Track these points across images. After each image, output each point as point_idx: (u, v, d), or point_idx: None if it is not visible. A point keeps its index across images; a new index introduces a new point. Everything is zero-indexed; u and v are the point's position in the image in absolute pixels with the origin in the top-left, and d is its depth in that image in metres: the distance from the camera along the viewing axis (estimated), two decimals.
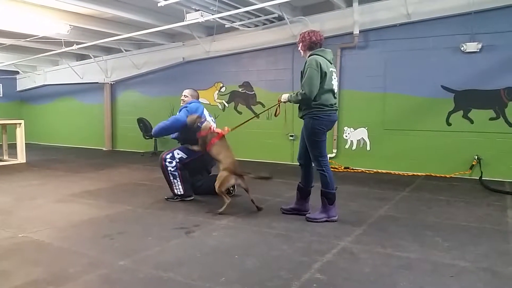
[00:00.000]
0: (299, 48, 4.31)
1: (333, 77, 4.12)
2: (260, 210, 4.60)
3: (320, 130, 4.09)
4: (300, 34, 4.28)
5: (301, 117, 4.24)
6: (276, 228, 3.97)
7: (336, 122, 7.60)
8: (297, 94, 4.08)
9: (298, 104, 4.23)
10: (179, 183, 5.09)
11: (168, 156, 5.09)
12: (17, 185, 6.31)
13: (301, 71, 4.11)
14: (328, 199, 4.19)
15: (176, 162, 5.05)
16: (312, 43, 4.17)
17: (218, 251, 3.35)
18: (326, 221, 4.14)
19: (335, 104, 4.17)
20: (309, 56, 4.13)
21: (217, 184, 4.49)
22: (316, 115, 4.07)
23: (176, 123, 5.03)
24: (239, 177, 4.55)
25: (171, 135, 5.27)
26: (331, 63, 4.16)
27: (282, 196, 5.40)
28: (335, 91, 4.17)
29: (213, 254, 3.28)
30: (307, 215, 4.30)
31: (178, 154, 5.07)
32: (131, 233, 3.84)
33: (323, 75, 4.00)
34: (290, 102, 4.28)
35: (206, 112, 5.30)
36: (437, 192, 5.66)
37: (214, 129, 4.84)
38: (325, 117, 4.08)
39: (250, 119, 5.00)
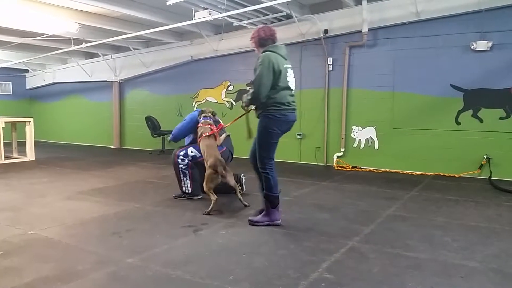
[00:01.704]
0: (252, 47, 4.13)
1: (288, 73, 3.90)
2: (247, 207, 4.62)
3: (274, 131, 3.87)
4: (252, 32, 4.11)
5: (257, 117, 4.00)
6: (283, 227, 3.96)
7: (344, 122, 7.75)
8: (248, 94, 3.91)
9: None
10: (188, 181, 5.11)
11: (182, 154, 5.10)
12: (27, 182, 6.36)
13: (254, 69, 3.89)
14: (270, 202, 3.97)
15: (188, 160, 5.06)
16: (262, 39, 3.98)
17: (226, 250, 3.35)
18: (268, 225, 3.95)
19: (293, 102, 3.94)
20: (262, 53, 3.91)
21: (204, 183, 4.49)
22: (271, 114, 3.84)
23: (190, 122, 5.15)
24: (225, 175, 4.49)
25: (186, 140, 5.34)
26: (285, 59, 3.94)
27: (290, 195, 5.39)
28: (292, 88, 3.95)
29: (221, 253, 3.28)
30: (249, 218, 4.10)
31: (192, 152, 5.07)
32: (139, 230, 3.86)
33: (277, 73, 3.79)
34: (245, 105, 4.05)
35: None
36: (446, 191, 5.62)
37: (211, 126, 4.88)
38: (281, 116, 3.85)
39: (239, 117, 4.59)
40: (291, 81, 3.93)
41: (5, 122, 8.68)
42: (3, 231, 3.81)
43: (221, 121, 5.30)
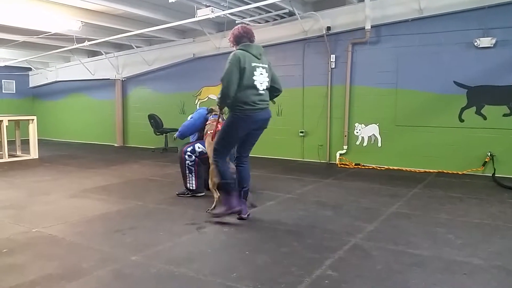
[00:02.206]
0: (230, 46, 4.14)
1: (255, 72, 3.85)
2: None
3: (235, 130, 3.91)
4: None
5: None
6: (286, 224, 3.96)
7: (347, 119, 7.74)
8: (219, 93, 3.90)
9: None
10: (193, 178, 5.12)
11: (189, 150, 5.11)
12: (30, 180, 6.38)
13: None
14: (224, 189, 4.02)
15: (195, 156, 5.06)
16: (236, 37, 4.01)
17: (229, 247, 3.36)
18: (231, 213, 3.98)
19: (260, 102, 3.89)
20: None
21: (209, 179, 4.51)
22: (235, 114, 3.86)
23: (197, 120, 5.14)
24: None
25: (191, 138, 5.35)
26: (258, 58, 3.89)
27: (293, 192, 5.39)
28: (259, 87, 3.87)
29: (224, 250, 3.29)
30: (209, 210, 4.27)
31: (199, 148, 5.07)
32: (142, 228, 3.87)
33: (242, 71, 3.76)
34: (218, 103, 4.01)
35: None
36: (449, 189, 5.61)
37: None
38: (243, 116, 3.84)
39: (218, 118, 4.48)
40: (260, 80, 3.88)
41: (8, 120, 8.71)
42: (7, 229, 3.83)
43: None
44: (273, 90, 4.12)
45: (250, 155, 4.24)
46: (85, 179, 6.42)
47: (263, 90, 3.93)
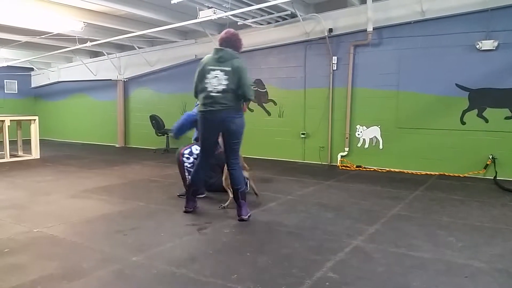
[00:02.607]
0: None
1: (209, 75, 3.99)
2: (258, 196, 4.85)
3: (201, 130, 4.22)
4: None
5: None
6: (287, 226, 3.96)
7: (348, 121, 7.74)
8: None
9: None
10: None
11: (186, 152, 5.10)
12: (31, 180, 6.39)
13: None
14: (188, 190, 4.46)
15: (193, 158, 5.05)
16: (218, 41, 4.18)
17: (230, 248, 3.36)
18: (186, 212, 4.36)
19: (211, 103, 4.00)
20: None
21: (223, 178, 4.64)
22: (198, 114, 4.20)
23: (188, 117, 5.10)
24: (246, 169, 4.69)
25: (192, 137, 5.33)
26: (219, 62, 4.00)
27: (293, 194, 5.39)
28: (210, 89, 4.00)
29: (225, 251, 3.29)
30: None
31: (197, 150, 5.06)
32: (144, 229, 3.87)
33: (200, 73, 4.07)
34: None
35: None
36: (451, 191, 5.60)
37: None
38: (201, 117, 4.13)
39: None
40: (213, 83, 4.00)
41: (10, 120, 8.74)
42: (8, 229, 3.83)
43: None
44: (241, 95, 4.08)
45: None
46: (87, 180, 6.43)
47: (217, 92, 3.99)
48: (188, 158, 5.07)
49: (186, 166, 5.07)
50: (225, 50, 4.05)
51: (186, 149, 5.13)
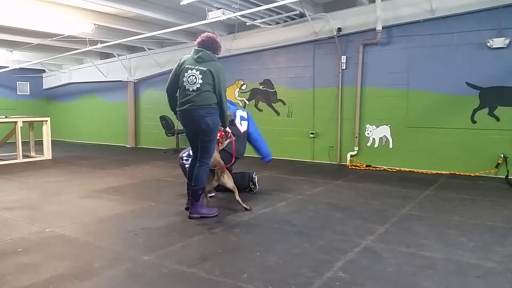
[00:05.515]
0: None
1: (186, 73, 4.11)
2: (248, 211, 4.50)
3: (183, 128, 4.36)
4: None
5: None
6: (297, 225, 3.97)
7: (358, 121, 7.71)
8: None
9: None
10: None
11: (185, 155, 5.21)
12: (44, 181, 6.47)
13: None
14: (191, 192, 4.38)
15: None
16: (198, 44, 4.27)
17: (239, 248, 3.37)
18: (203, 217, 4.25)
19: (185, 101, 4.12)
20: None
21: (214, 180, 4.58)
22: None
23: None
24: (220, 176, 4.51)
25: None
26: (197, 62, 4.12)
27: (303, 193, 5.39)
28: (188, 87, 4.10)
29: (235, 251, 3.30)
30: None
31: None
32: (154, 228, 3.90)
33: (178, 72, 4.18)
34: None
35: (239, 111, 5.45)
36: (461, 191, 5.55)
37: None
38: (179, 115, 4.28)
39: None
40: (189, 81, 4.10)
41: (23, 121, 8.85)
42: (21, 229, 3.89)
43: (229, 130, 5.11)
44: (218, 101, 4.18)
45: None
46: (98, 180, 6.49)
47: (192, 91, 4.08)
48: (187, 160, 5.13)
49: (187, 167, 5.11)
50: (204, 51, 4.17)
51: (184, 152, 5.26)
